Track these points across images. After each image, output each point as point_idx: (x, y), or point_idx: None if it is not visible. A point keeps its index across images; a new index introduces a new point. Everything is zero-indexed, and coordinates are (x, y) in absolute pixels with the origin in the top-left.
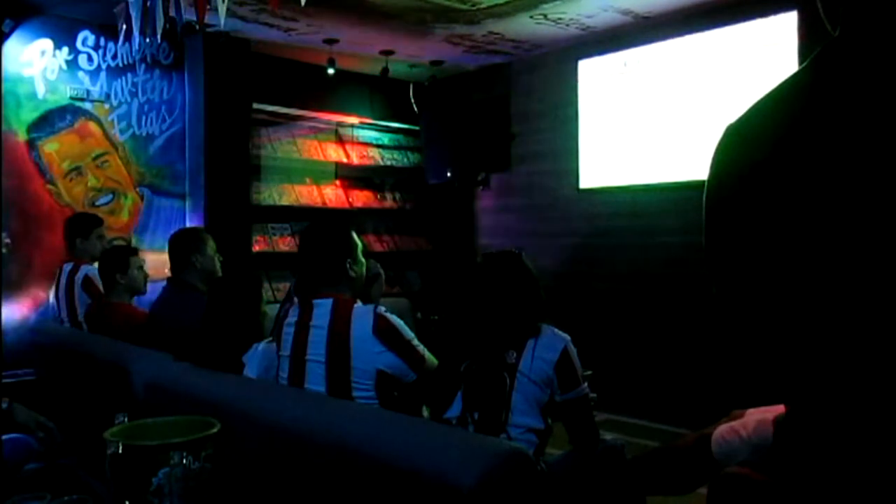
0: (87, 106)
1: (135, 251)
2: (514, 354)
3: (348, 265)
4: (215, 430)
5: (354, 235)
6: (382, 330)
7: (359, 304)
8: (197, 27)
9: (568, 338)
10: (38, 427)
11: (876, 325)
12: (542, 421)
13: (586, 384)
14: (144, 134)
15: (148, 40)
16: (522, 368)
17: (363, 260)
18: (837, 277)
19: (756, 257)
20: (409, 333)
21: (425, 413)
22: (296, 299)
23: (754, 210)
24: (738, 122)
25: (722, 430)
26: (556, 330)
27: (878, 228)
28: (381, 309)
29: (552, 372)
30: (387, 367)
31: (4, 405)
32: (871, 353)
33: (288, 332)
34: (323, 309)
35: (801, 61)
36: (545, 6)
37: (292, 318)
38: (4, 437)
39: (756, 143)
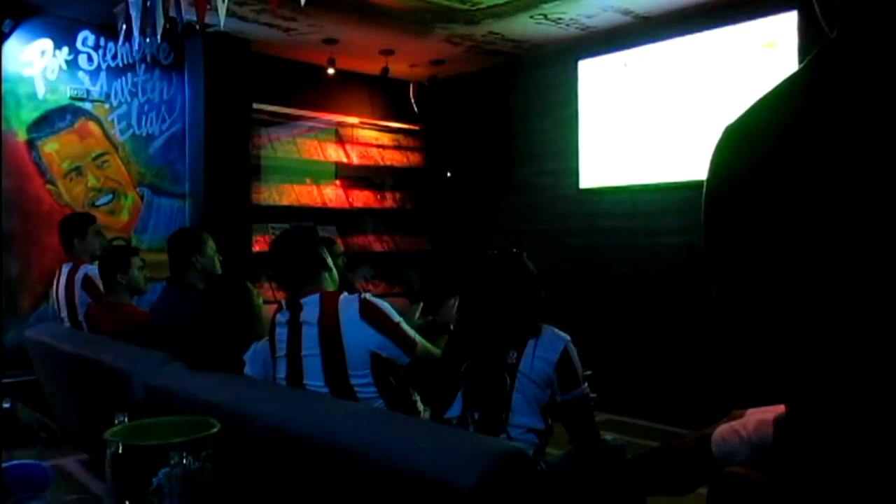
0: (87, 106)
1: (135, 251)
2: (515, 354)
3: (323, 252)
4: (215, 430)
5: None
6: (369, 313)
7: (344, 293)
8: (197, 27)
9: (568, 338)
10: (41, 427)
11: (876, 325)
12: (542, 421)
13: (587, 384)
14: (144, 134)
15: (148, 40)
16: (523, 368)
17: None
18: (837, 277)
19: (755, 257)
20: (397, 317)
21: (422, 410)
22: (282, 301)
23: (754, 210)
24: (736, 122)
25: (722, 429)
26: (556, 330)
27: (878, 228)
28: (367, 294)
29: (552, 372)
30: (378, 349)
31: (7, 405)
32: (871, 353)
33: (281, 332)
34: (311, 305)
35: (801, 61)
36: (545, 6)
37: (283, 317)
38: (15, 462)
39: (755, 142)
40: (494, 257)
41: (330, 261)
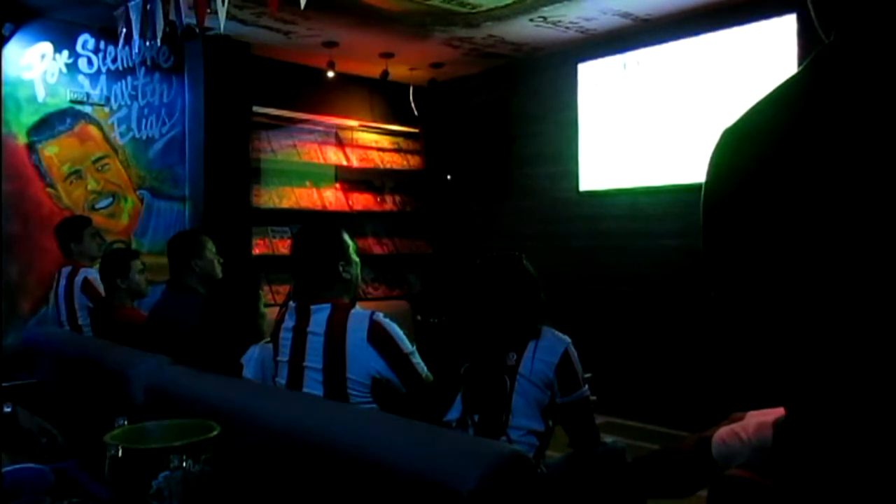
0: (87, 109)
1: (135, 254)
2: (514, 356)
3: (341, 267)
4: (215, 433)
5: (346, 236)
6: (377, 338)
7: (356, 308)
8: (197, 31)
9: (569, 340)
10: (41, 432)
11: (875, 327)
12: (542, 423)
13: (587, 387)
14: (144, 137)
15: (148, 44)
16: (522, 370)
17: (357, 259)
18: (836, 279)
19: (754, 260)
20: (408, 346)
21: None
22: (291, 304)
23: (752, 213)
24: (734, 125)
25: (722, 432)
26: (556, 332)
27: (877, 230)
28: (379, 315)
29: (552, 374)
30: (380, 376)
31: (8, 409)
32: (870, 355)
33: (286, 337)
34: (320, 315)
35: (800, 64)
36: (544, 9)
37: (289, 322)
38: (18, 466)
39: (753, 146)
40: (494, 260)
41: (352, 268)
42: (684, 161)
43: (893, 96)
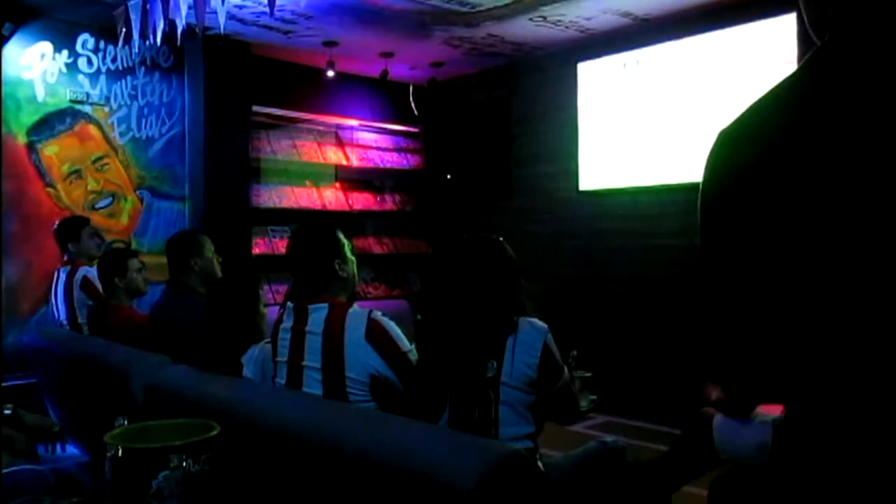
0: (87, 109)
1: (133, 253)
2: (495, 364)
3: (337, 266)
4: (215, 432)
5: (341, 234)
6: (375, 335)
7: (354, 307)
8: (197, 30)
9: (546, 327)
10: (42, 432)
11: (874, 324)
12: (531, 422)
13: (566, 370)
14: (144, 137)
15: (148, 43)
16: (504, 378)
17: (353, 258)
18: (833, 277)
19: (751, 258)
20: (406, 344)
21: None
22: (289, 304)
23: (749, 213)
24: (731, 126)
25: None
26: (533, 322)
27: (875, 228)
28: (377, 313)
29: (536, 374)
30: (378, 374)
31: (8, 412)
32: (869, 353)
33: (284, 337)
34: (318, 314)
35: (800, 62)
36: (544, 9)
37: (287, 323)
38: (18, 467)
39: (750, 145)
40: (472, 242)
41: (349, 266)
42: (684, 161)
43: (889, 96)
